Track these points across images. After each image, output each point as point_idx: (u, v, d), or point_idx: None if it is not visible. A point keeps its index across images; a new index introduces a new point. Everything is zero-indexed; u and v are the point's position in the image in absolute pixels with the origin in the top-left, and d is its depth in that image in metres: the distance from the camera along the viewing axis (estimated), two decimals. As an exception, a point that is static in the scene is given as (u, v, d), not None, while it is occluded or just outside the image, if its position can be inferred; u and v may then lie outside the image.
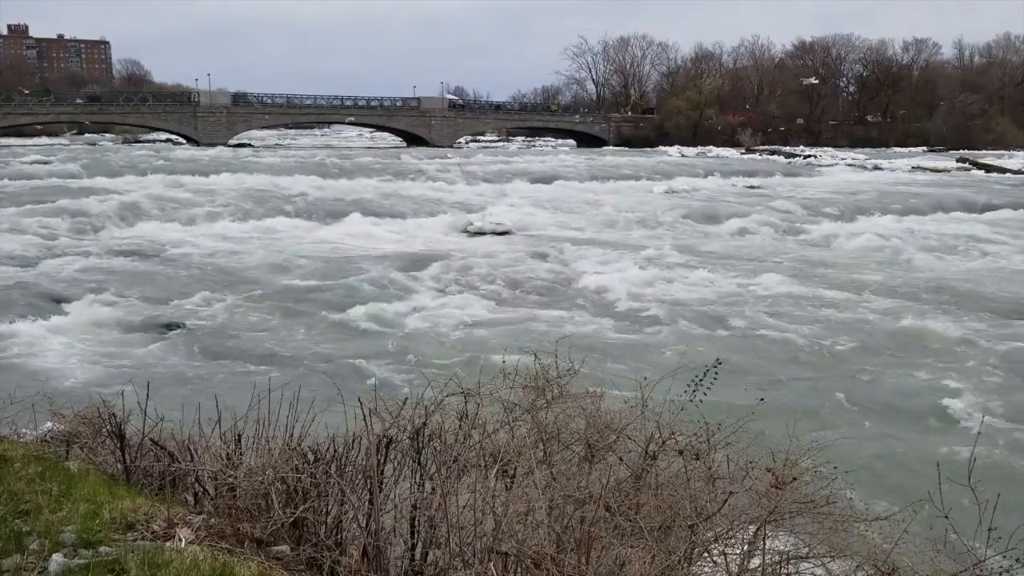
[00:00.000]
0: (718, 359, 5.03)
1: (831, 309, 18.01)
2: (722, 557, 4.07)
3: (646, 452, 4.41)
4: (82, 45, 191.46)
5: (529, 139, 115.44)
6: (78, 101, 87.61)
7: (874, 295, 19.55)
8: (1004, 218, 36.06)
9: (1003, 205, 39.41)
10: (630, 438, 4.56)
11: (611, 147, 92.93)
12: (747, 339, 15.57)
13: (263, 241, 25.92)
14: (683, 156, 75.79)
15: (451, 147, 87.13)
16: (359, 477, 4.53)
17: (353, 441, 4.60)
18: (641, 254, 24.64)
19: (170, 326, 15.51)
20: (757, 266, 23.42)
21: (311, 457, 4.54)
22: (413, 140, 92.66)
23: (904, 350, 14.95)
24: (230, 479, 4.61)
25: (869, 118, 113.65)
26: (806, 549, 4.01)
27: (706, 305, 18.08)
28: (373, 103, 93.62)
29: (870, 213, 35.75)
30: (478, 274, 21.03)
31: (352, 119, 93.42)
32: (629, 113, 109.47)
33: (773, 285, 20.39)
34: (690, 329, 16.23)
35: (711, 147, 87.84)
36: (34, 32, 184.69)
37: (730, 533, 4.06)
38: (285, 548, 4.38)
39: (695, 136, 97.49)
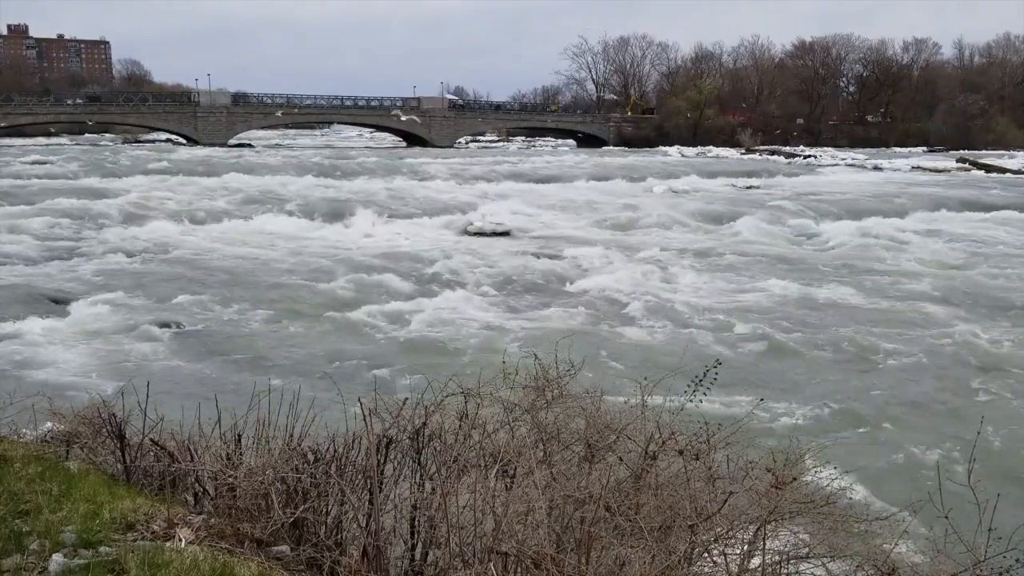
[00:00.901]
0: (718, 359, 5.04)
1: (832, 309, 18.02)
2: (722, 557, 4.07)
3: (646, 452, 4.41)
4: (82, 45, 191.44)
5: (529, 139, 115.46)
6: (78, 101, 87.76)
7: (877, 293, 19.55)
8: (1017, 218, 35.94)
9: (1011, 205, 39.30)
10: (630, 438, 4.56)
11: (611, 147, 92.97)
12: (748, 340, 15.55)
13: (264, 241, 25.91)
14: (683, 156, 75.91)
15: (451, 147, 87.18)
16: (359, 477, 4.53)
17: (353, 441, 4.60)
18: (641, 254, 24.63)
19: (170, 326, 15.50)
20: (758, 267, 23.42)
21: (311, 457, 4.54)
22: (413, 140, 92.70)
23: (912, 351, 14.95)
24: (230, 479, 4.61)
25: (869, 118, 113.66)
26: (806, 549, 4.01)
27: (706, 305, 18.08)
28: (373, 103, 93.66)
29: (875, 214, 35.59)
30: (478, 274, 21.03)
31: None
32: (629, 113, 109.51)
33: (774, 286, 20.38)
34: (690, 330, 16.23)
35: (711, 147, 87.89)
36: (34, 32, 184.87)
37: (730, 533, 4.06)
38: (285, 548, 4.38)
39: (695, 136, 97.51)
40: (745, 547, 4.02)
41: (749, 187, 46.86)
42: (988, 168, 63.35)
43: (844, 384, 13.08)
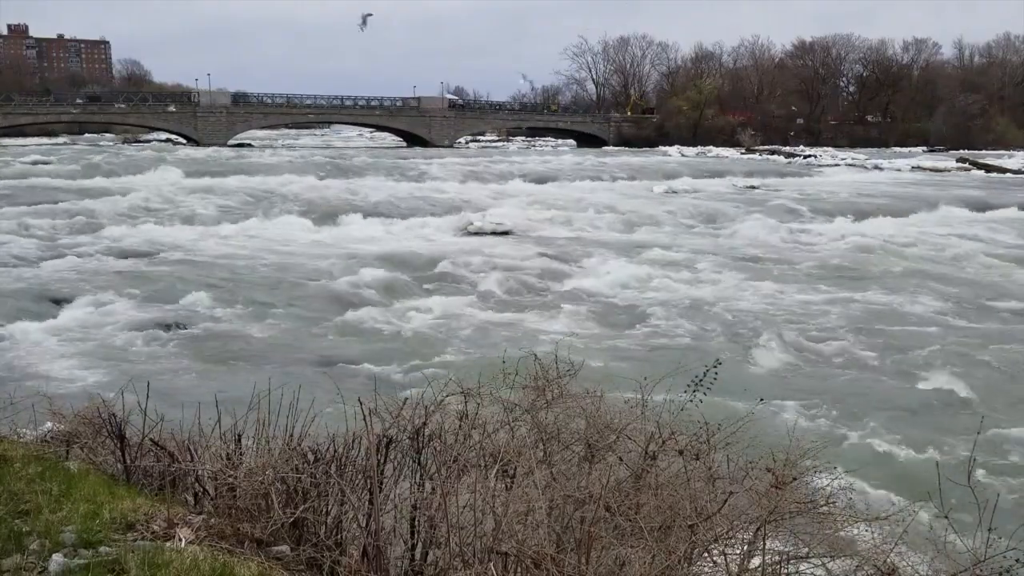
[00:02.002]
0: (718, 359, 5.04)
1: (834, 309, 18.01)
2: (722, 557, 4.07)
3: (646, 452, 4.40)
4: (82, 45, 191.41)
5: (529, 139, 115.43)
6: (78, 101, 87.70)
7: (876, 292, 19.53)
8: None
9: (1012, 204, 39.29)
10: (630, 438, 4.56)
11: (611, 147, 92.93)
12: (748, 339, 15.55)
13: (263, 241, 25.91)
14: (683, 156, 75.90)
15: (451, 147, 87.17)
16: (359, 477, 4.53)
17: (353, 441, 4.60)
18: (641, 255, 24.61)
19: (170, 326, 15.50)
20: (759, 266, 23.40)
21: (311, 457, 4.54)
22: (413, 140, 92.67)
23: (919, 351, 14.94)
24: (230, 479, 4.61)
25: (869, 118, 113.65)
26: (806, 549, 4.01)
27: (707, 306, 18.06)
28: (373, 103, 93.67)
29: (876, 214, 35.49)
30: (478, 274, 21.02)
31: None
32: (629, 113, 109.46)
33: (775, 286, 20.38)
34: (691, 330, 16.22)
35: (711, 147, 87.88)
36: (34, 32, 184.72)
37: (730, 533, 4.06)
38: (285, 548, 4.38)
39: (695, 136, 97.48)
40: (745, 547, 4.01)
41: (750, 187, 46.87)
42: (988, 168, 63.43)
43: (845, 384, 13.08)
